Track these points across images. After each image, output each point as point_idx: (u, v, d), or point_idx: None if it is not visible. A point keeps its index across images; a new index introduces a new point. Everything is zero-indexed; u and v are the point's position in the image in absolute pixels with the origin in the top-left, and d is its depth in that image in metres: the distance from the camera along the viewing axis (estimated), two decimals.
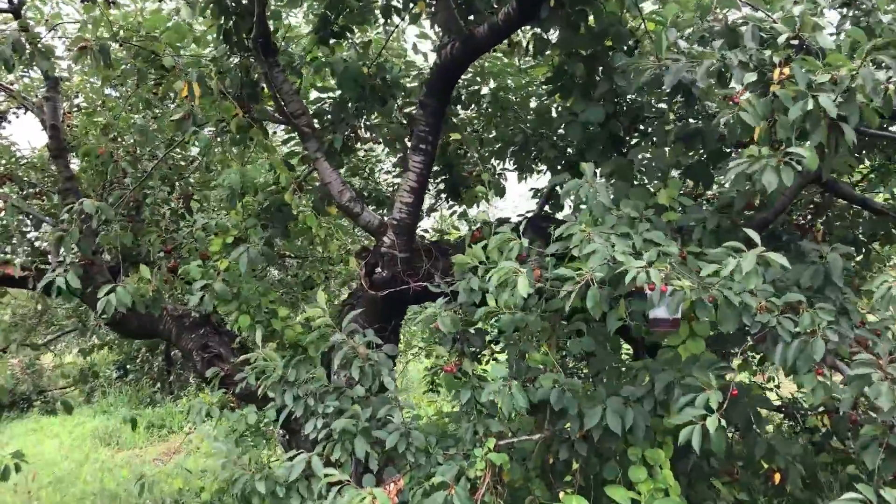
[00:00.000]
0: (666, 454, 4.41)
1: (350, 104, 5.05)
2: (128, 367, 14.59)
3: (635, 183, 4.47)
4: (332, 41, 5.19)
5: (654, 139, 4.38)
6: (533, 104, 5.78)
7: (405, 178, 4.92)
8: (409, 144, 6.29)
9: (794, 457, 4.51)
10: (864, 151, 5.00)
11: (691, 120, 4.38)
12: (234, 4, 4.63)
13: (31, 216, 6.10)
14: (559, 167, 5.94)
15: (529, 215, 5.35)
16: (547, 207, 5.75)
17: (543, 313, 4.29)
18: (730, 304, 3.40)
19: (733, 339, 4.80)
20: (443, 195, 6.90)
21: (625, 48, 4.41)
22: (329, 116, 5.24)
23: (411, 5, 4.60)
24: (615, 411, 4.10)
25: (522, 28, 4.84)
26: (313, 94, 5.84)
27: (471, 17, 4.33)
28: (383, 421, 4.27)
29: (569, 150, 5.40)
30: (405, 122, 5.20)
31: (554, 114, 5.44)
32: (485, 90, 5.87)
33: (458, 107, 5.90)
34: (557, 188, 6.10)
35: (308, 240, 5.87)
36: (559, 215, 5.63)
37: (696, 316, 4.35)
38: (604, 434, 4.13)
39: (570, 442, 4.40)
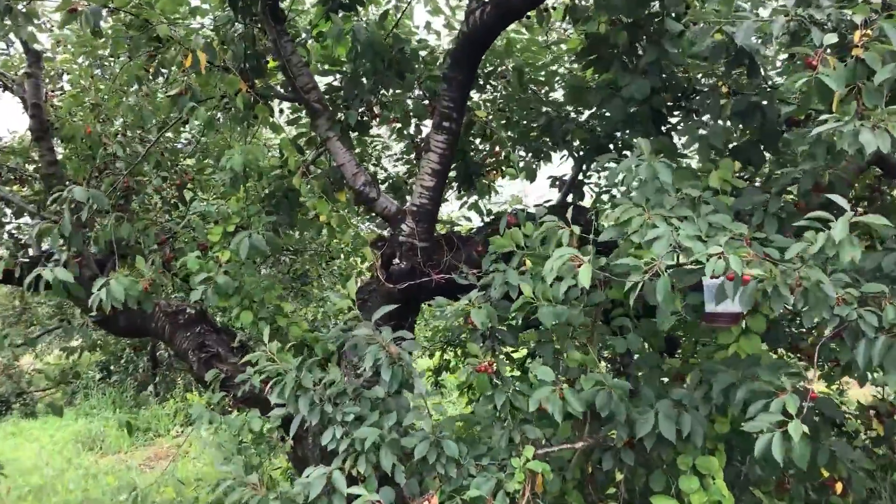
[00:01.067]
0: (719, 463, 4.00)
1: (365, 78, 4.59)
2: (111, 367, 14.01)
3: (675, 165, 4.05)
4: (340, 13, 4.74)
5: (708, 115, 3.95)
6: (557, 83, 5.34)
7: (426, 159, 4.47)
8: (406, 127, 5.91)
9: (855, 464, 4.11)
10: None
11: (746, 93, 3.95)
12: None
13: (12, 204, 5.59)
14: (581, 152, 5.53)
15: (548, 204, 4.94)
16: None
17: (586, 307, 3.87)
18: (819, 289, 2.98)
19: (771, 340, 4.41)
20: (454, 184, 6.47)
21: (673, 14, 3.98)
22: (342, 93, 4.77)
23: None
24: (668, 417, 3.68)
25: None
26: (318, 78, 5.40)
27: None
28: (405, 429, 3.82)
29: (597, 130, 4.97)
30: (427, 97, 4.75)
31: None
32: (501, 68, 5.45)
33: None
34: (594, 172, 5.68)
35: (316, 229, 5.40)
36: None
37: (770, 308, 3.97)
38: (656, 442, 3.73)
39: (614, 450, 3.97)
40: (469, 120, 4.94)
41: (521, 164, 4.91)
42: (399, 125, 6.00)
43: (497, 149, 5.13)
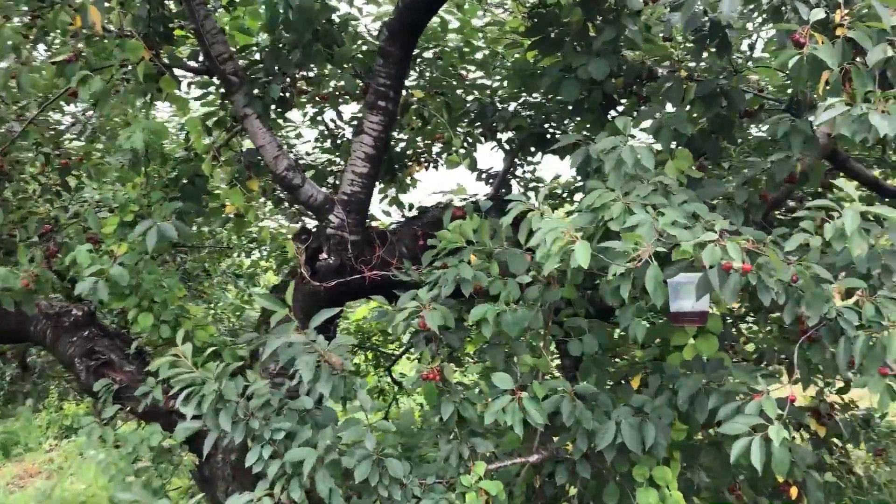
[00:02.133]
0: (673, 472, 3.75)
1: (287, 50, 4.07)
2: None
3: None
4: None
5: (667, 99, 3.68)
6: (494, 68, 4.98)
7: (358, 142, 4.01)
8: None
9: (810, 467, 3.94)
10: None
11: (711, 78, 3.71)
12: None
13: None
14: (513, 144, 5.21)
15: (481, 198, 4.58)
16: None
17: (542, 307, 3.53)
18: (817, 284, 2.74)
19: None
20: None
21: None
22: (261, 66, 4.22)
23: None
24: (632, 427, 3.38)
25: None
26: None
27: None
28: (342, 447, 3.35)
29: (535, 119, 4.65)
30: (359, 75, 4.28)
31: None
32: (429, 54, 5.04)
33: None
34: (521, 165, 5.37)
35: (221, 220, 4.84)
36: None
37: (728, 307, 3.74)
38: (617, 453, 3.42)
39: (568, 463, 3.64)
40: (404, 101, 4.51)
41: (461, 151, 4.51)
42: (315, 110, 5.52)
43: (438, 134, 4.71)
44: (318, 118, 5.81)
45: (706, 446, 4.39)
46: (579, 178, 5.60)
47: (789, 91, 4.02)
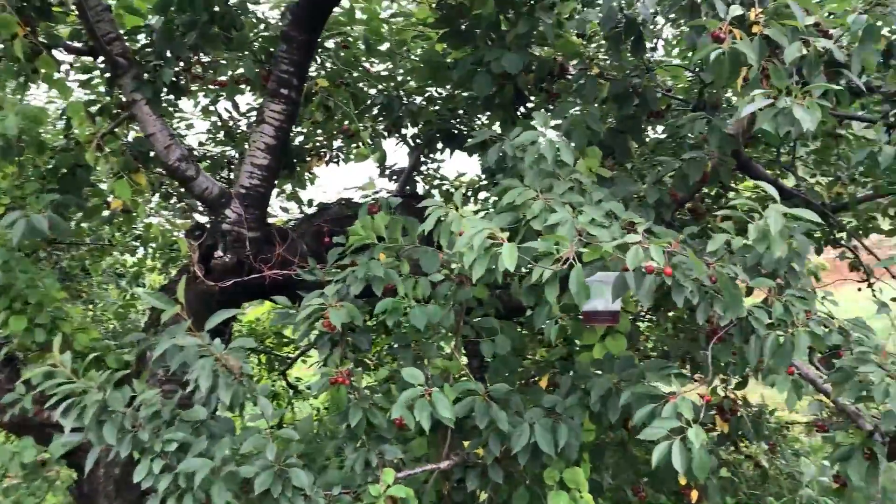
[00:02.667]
0: (584, 473, 3.70)
1: (182, 33, 3.77)
2: None
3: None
4: None
5: (582, 96, 3.63)
6: (401, 61, 4.82)
7: (258, 132, 3.77)
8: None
9: (713, 469, 3.98)
10: None
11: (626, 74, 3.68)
12: None
13: None
14: (419, 140, 5.08)
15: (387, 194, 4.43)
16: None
17: (455, 306, 3.40)
18: (735, 285, 2.73)
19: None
20: None
21: None
22: (152, 49, 3.90)
23: None
24: (545, 428, 3.30)
25: None
26: None
27: None
28: (240, 457, 3.11)
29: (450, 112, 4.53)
30: (260, 61, 4.02)
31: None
32: (330, 43, 4.83)
33: None
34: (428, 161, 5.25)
35: (106, 217, 4.48)
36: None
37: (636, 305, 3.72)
38: (530, 456, 3.33)
39: (479, 468, 3.53)
40: (308, 91, 4.28)
41: (369, 143, 4.32)
42: (207, 100, 5.22)
43: (344, 126, 4.50)
44: (212, 108, 5.50)
45: (612, 446, 4.39)
46: (484, 176, 5.54)
47: (697, 91, 4.05)
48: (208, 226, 3.92)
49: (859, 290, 4.98)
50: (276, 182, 5.65)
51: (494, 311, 3.83)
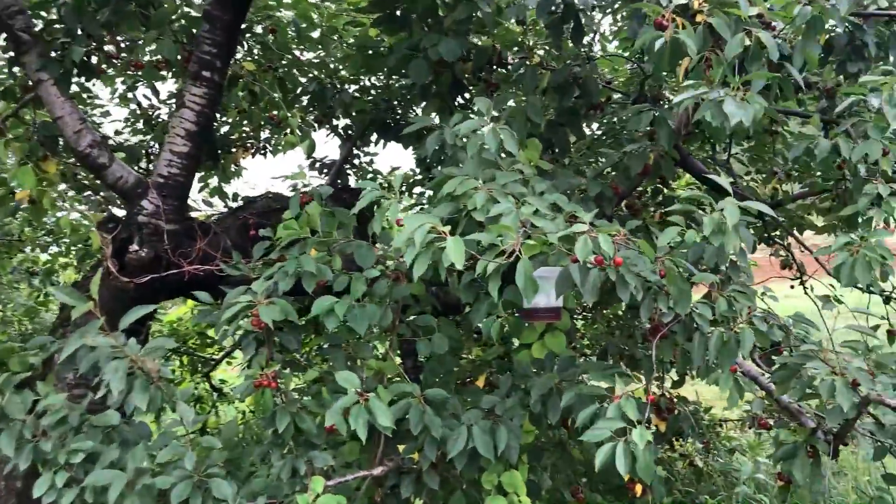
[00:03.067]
0: (522, 476, 3.58)
1: (94, 8, 3.48)
2: None
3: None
4: None
5: (522, 86, 3.49)
6: (334, 47, 4.61)
7: (178, 118, 3.51)
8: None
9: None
10: None
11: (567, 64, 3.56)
12: None
13: None
14: (351, 131, 4.89)
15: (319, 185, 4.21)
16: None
17: (392, 304, 3.22)
18: (684, 280, 2.63)
19: None
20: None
21: None
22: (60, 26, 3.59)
23: None
24: (484, 431, 3.15)
25: None
26: None
27: None
28: (156, 466, 2.86)
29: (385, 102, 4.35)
30: (181, 41, 3.74)
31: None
32: (259, 28, 4.59)
33: None
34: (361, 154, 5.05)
35: (7, 209, 4.13)
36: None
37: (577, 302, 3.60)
38: (468, 460, 3.18)
39: (414, 474, 3.36)
40: (233, 75, 4.03)
41: (298, 131, 4.09)
42: (125, 86, 4.91)
43: (271, 113, 4.25)
44: (131, 95, 5.18)
45: (550, 447, 4.29)
46: (419, 170, 5.38)
47: (638, 83, 3.97)
48: (123, 218, 3.63)
49: (792, 287, 5.00)
50: (197, 172, 5.40)
51: (431, 308, 3.67)
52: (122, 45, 3.90)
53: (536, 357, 3.50)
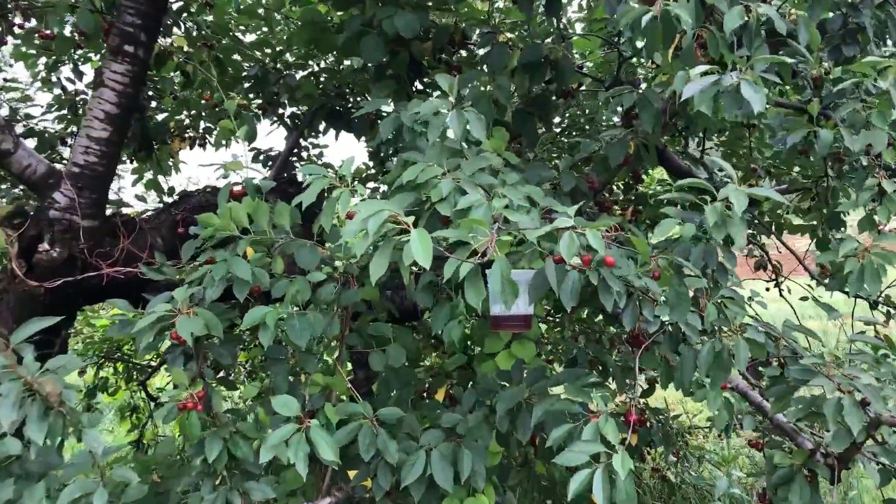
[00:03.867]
0: (489, 500, 3.22)
1: None
2: None
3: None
4: None
5: (489, 66, 3.12)
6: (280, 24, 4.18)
7: (96, 98, 3.06)
8: None
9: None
10: None
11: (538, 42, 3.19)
12: None
13: None
14: (298, 121, 4.49)
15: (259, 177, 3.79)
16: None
17: (340, 311, 2.83)
18: (681, 282, 2.30)
19: None
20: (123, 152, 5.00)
21: None
22: None
23: None
24: (444, 456, 2.78)
25: None
26: None
27: None
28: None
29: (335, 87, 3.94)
30: (100, 9, 3.29)
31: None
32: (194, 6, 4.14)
33: None
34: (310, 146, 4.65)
35: None
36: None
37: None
38: (427, 488, 2.80)
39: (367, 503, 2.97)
40: (161, 52, 3.58)
41: (239, 117, 3.64)
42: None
43: (206, 96, 3.81)
44: (55, 79, 4.68)
45: (517, 467, 3.95)
46: (373, 164, 4.98)
47: (616, 66, 3.63)
48: (32, 212, 3.17)
49: (767, 289, 4.74)
50: (129, 164, 4.92)
51: (387, 314, 3.30)
52: (29, 10, 3.42)
53: (503, 368, 3.16)
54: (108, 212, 3.80)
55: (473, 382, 3.67)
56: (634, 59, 3.88)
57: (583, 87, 3.81)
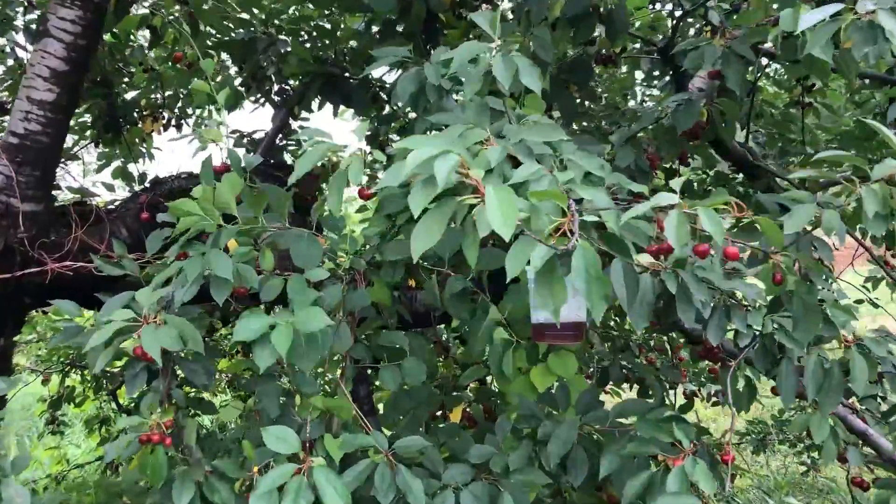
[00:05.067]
0: None
1: None
2: None
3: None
4: None
5: (527, 15, 2.55)
6: None
7: (39, 52, 2.47)
8: None
9: None
10: None
11: None
12: None
13: None
14: (287, 95, 3.91)
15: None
16: None
17: (346, 318, 2.25)
18: (810, 290, 1.75)
19: None
20: (87, 133, 4.41)
21: None
22: None
23: None
24: (477, 498, 2.21)
25: None
26: None
27: None
28: None
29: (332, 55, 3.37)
30: None
31: None
32: None
33: None
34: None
35: None
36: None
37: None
38: None
39: None
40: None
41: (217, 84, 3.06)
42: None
43: (177, 52, 3.21)
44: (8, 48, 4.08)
45: (548, 497, 3.37)
46: (370, 150, 4.39)
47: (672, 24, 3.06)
48: None
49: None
50: (95, 147, 4.33)
51: (398, 319, 2.71)
52: None
53: (539, 388, 2.57)
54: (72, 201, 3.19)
55: (500, 402, 3.12)
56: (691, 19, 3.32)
57: (624, 54, 3.25)
